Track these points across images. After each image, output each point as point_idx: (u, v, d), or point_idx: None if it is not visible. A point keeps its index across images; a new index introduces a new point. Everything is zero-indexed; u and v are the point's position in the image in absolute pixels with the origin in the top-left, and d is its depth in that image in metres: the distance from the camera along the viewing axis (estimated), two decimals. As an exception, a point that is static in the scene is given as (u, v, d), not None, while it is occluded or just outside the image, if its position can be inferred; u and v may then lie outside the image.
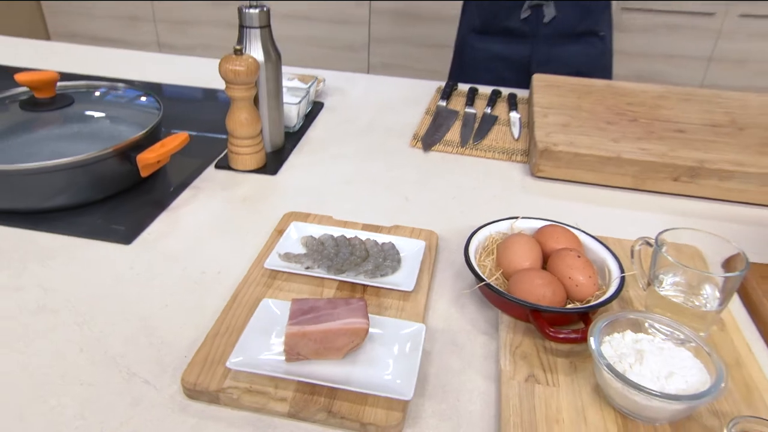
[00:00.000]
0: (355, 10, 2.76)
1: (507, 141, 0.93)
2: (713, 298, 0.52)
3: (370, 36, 2.82)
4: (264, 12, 0.80)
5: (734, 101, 0.96)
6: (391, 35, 2.81)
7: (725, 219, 0.75)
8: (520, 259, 0.57)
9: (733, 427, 0.42)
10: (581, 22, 1.21)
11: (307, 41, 2.83)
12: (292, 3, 2.76)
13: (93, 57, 1.25)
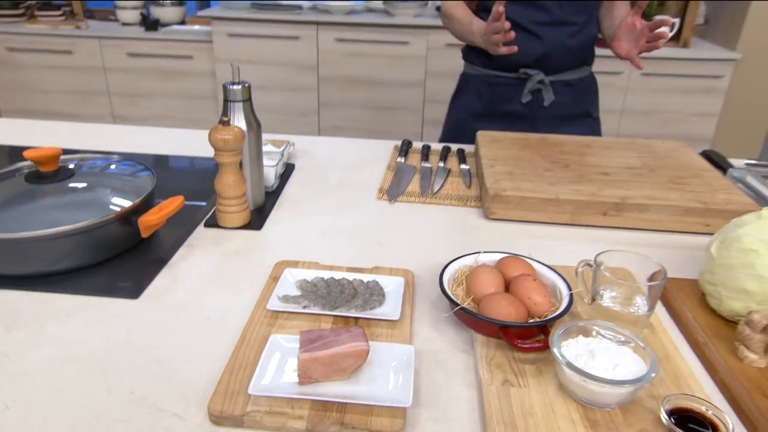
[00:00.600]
0: (305, 79, 2.90)
1: (461, 189, 1.05)
2: (643, 305, 0.63)
3: (319, 102, 2.97)
4: (246, 87, 0.89)
5: (645, 147, 1.12)
6: (338, 100, 2.96)
7: (646, 244, 0.88)
8: (486, 286, 0.67)
9: (666, 403, 0.52)
10: (577, 104, 1.33)
11: (262, 108, 2.94)
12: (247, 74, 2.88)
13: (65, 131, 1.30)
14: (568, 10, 1.22)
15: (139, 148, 1.19)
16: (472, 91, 1.39)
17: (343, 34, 2.80)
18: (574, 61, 1.29)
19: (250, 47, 2.83)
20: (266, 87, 2.91)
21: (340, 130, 3.01)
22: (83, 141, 1.22)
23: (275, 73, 2.88)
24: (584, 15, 1.24)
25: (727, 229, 0.70)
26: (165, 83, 2.98)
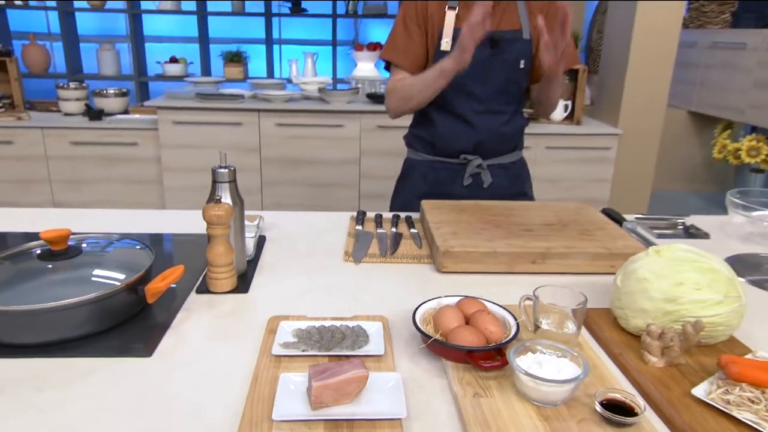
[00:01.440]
0: (248, 161, 3.03)
1: (414, 250, 1.20)
2: (572, 327, 0.79)
3: (262, 181, 3.09)
4: (231, 171, 1.02)
5: (556, 208, 1.33)
6: (280, 179, 3.10)
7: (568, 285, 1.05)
8: (450, 322, 0.81)
9: (597, 396, 0.67)
10: (512, 185, 1.51)
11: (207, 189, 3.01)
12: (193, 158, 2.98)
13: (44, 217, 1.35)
14: (498, 101, 1.42)
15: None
16: (417, 175, 1.53)
17: (283, 120, 2.99)
18: (506, 146, 1.49)
19: (195, 133, 2.95)
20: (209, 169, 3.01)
21: (282, 206, 3.13)
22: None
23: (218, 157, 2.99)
24: (513, 105, 1.45)
25: (626, 266, 0.89)
26: (108, 169, 3.01)
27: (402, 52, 1.43)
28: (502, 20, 1.39)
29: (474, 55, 1.24)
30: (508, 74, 1.41)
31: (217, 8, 3.83)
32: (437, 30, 1.39)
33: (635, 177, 3.36)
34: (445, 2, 1.39)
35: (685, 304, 0.79)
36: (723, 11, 4.30)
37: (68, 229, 0.88)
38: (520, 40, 1.39)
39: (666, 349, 0.77)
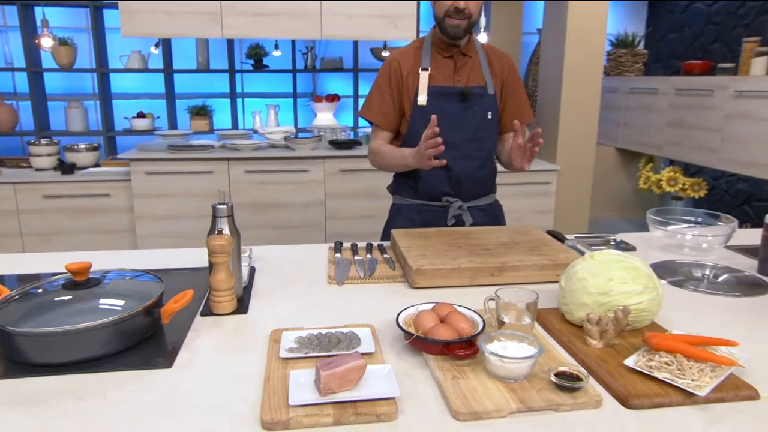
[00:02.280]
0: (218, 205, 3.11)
1: (388, 272, 1.33)
2: (528, 320, 0.94)
3: (232, 225, 3.16)
4: (229, 207, 1.14)
5: (509, 230, 1.50)
6: (249, 223, 3.19)
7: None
8: (428, 322, 0.94)
9: (551, 370, 0.82)
10: (489, 224, 1.65)
11: (178, 235, 3.07)
12: (165, 206, 3.03)
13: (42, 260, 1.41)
14: (472, 148, 1.58)
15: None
16: (404, 218, 1.66)
17: (251, 167, 3.11)
18: (482, 189, 1.64)
19: (167, 183, 3.02)
20: (182, 216, 3.07)
21: (252, 248, 3.20)
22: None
23: (191, 204, 3.07)
24: (485, 152, 1.61)
25: (568, 270, 1.05)
26: (80, 221, 3.03)
27: (376, 111, 1.61)
28: (470, 78, 1.58)
29: (448, 109, 1.42)
30: (478, 124, 1.58)
31: (183, 66, 3.96)
32: (413, 89, 1.56)
33: (574, 207, 3.64)
34: (418, 65, 1.57)
35: (616, 296, 0.95)
36: (636, 61, 4.76)
37: (89, 262, 0.97)
38: (486, 94, 1.58)
39: (603, 333, 0.92)
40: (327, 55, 4.24)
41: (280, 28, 3.05)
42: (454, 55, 1.57)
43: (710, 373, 0.82)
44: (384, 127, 1.62)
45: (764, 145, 3.29)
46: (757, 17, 3.95)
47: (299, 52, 4.15)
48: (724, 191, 4.36)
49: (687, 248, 1.51)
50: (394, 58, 1.60)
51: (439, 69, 1.56)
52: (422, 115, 1.53)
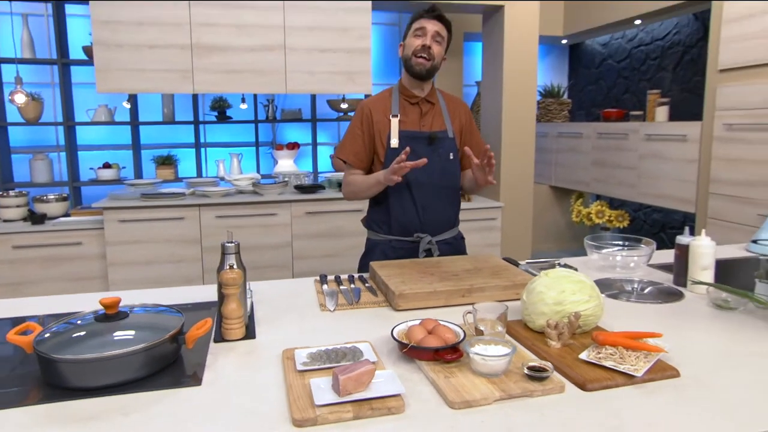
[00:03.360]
0: (190, 252, 3.15)
1: (372, 298, 1.47)
2: (500, 329, 1.10)
3: (203, 269, 3.20)
4: (236, 245, 1.25)
5: (471, 258, 1.68)
6: (220, 265, 3.23)
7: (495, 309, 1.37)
8: (418, 334, 1.08)
9: (524, 366, 0.98)
10: (452, 255, 1.78)
11: (149, 281, 3.07)
12: (138, 252, 3.04)
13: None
14: (438, 186, 1.75)
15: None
16: (378, 252, 1.79)
17: (221, 212, 3.18)
18: (448, 222, 1.83)
19: (140, 229, 3.04)
20: (155, 262, 3.09)
21: (222, 290, 3.24)
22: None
23: (164, 249, 3.09)
24: (449, 189, 1.79)
25: (527, 287, 1.23)
26: (51, 270, 2.98)
27: (349, 151, 1.78)
28: (433, 123, 1.78)
29: (417, 151, 1.61)
30: (443, 164, 1.77)
31: (149, 118, 4.02)
32: (384, 133, 1.75)
33: (518, 240, 3.91)
34: (388, 112, 1.76)
35: (568, 305, 1.14)
36: (562, 109, 5.23)
37: (119, 297, 1.06)
38: (448, 138, 1.79)
39: (560, 335, 1.10)
40: (287, 106, 4.42)
41: (247, 84, 3.21)
42: (420, 103, 1.77)
43: (644, 359, 1.00)
44: (356, 165, 1.79)
45: (672, 181, 3.70)
46: (656, 73, 4.48)
47: (260, 104, 4.31)
48: (643, 221, 4.79)
49: (618, 267, 1.73)
50: (366, 105, 1.78)
51: (406, 115, 1.75)
52: (395, 156, 1.71)
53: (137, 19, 2.97)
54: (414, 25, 1.70)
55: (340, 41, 3.32)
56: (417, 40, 1.68)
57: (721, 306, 1.37)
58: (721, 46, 3.20)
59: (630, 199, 4.14)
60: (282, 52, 3.23)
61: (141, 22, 2.98)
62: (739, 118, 3.11)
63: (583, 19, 4.72)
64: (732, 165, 3.18)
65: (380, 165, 1.76)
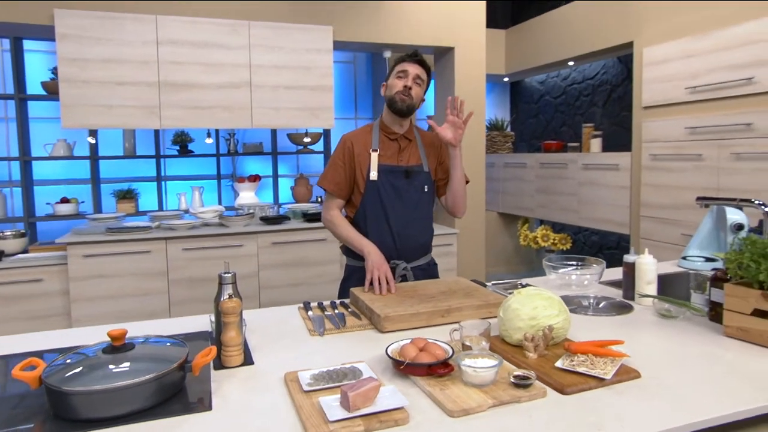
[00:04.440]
0: (156, 284, 3.08)
1: (357, 322, 1.52)
2: (485, 344, 1.19)
3: (170, 302, 3.13)
4: (233, 275, 1.29)
5: (442, 282, 1.77)
6: (186, 298, 3.17)
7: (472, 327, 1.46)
8: (411, 352, 1.15)
9: (510, 375, 1.07)
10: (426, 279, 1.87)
11: (113, 316, 2.96)
12: (103, 287, 2.94)
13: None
14: (413, 216, 1.84)
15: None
16: (357, 278, 1.84)
17: (188, 245, 3.14)
18: (422, 249, 1.92)
19: (105, 264, 2.95)
20: (121, 296, 2.99)
21: (189, 322, 3.17)
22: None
23: (130, 283, 3.01)
24: (423, 219, 1.88)
25: (503, 304, 1.33)
26: (11, 308, 2.83)
27: (330, 181, 1.85)
28: (410, 158, 1.88)
29: (395, 184, 1.71)
30: (418, 196, 1.87)
31: (109, 152, 3.93)
32: (365, 166, 1.83)
33: (473, 264, 4.06)
34: (368, 146, 1.85)
35: (541, 319, 1.24)
36: (506, 141, 5.53)
37: (125, 329, 1.07)
38: (423, 172, 1.89)
39: (536, 346, 1.20)
40: (247, 140, 4.44)
41: (214, 119, 3.22)
42: (398, 139, 1.88)
43: (611, 364, 1.12)
44: (336, 194, 1.87)
45: (608, 206, 3.98)
46: (589, 108, 4.85)
47: (222, 138, 4.31)
48: (583, 243, 5.09)
49: (573, 285, 1.88)
50: (349, 139, 1.87)
51: (385, 150, 1.85)
52: (374, 188, 1.81)
53: (105, 56, 2.95)
54: (397, 68, 1.82)
55: (304, 79, 3.42)
56: (399, 82, 1.80)
57: (664, 315, 1.53)
58: (644, 86, 3.54)
59: (571, 223, 4.41)
60: (248, 89, 3.29)
61: (108, 59, 2.96)
62: (662, 150, 3.43)
63: (522, 59, 5.06)
64: (659, 191, 3.48)
65: (359, 195, 1.84)
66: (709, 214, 2.21)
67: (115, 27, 2.96)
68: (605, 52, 4.18)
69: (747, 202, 1.71)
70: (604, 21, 3.99)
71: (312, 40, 3.41)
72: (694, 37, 3.15)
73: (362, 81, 5.04)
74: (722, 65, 2.99)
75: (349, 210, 1.90)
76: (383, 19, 3.72)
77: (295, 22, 3.43)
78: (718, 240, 2.18)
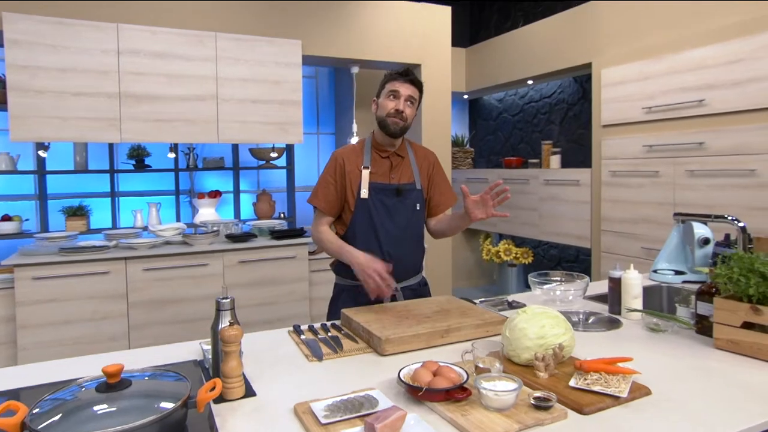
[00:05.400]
0: (114, 307, 2.89)
1: (353, 345, 1.47)
2: (500, 365, 1.17)
3: (129, 325, 2.94)
4: (231, 300, 1.21)
5: (432, 301, 1.75)
6: (147, 321, 2.99)
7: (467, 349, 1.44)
8: (426, 377, 1.12)
9: (530, 396, 1.05)
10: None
11: (66, 342, 2.75)
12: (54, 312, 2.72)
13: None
14: (404, 234, 1.80)
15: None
16: (347, 298, 1.80)
17: (149, 264, 2.97)
18: (413, 270, 1.88)
19: (57, 287, 2.74)
20: (75, 321, 2.78)
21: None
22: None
23: (85, 307, 2.80)
24: (415, 238, 1.85)
25: (507, 324, 1.32)
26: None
27: (321, 198, 1.80)
28: (402, 176, 1.85)
29: (386, 202, 1.67)
30: (410, 214, 1.84)
31: (58, 166, 3.68)
32: (356, 184, 1.79)
33: (440, 280, 4.08)
34: (360, 163, 1.81)
35: (549, 338, 1.24)
36: (467, 157, 5.63)
37: (121, 365, 0.98)
38: (415, 189, 1.86)
39: (547, 366, 1.20)
40: (208, 155, 4.29)
41: (178, 133, 3.09)
42: (390, 156, 1.85)
43: (623, 381, 1.13)
44: (326, 212, 1.81)
45: (569, 220, 4.12)
46: (546, 126, 5.03)
47: (181, 152, 4.14)
48: (542, 257, 5.23)
49: (558, 301, 1.91)
50: (340, 156, 1.83)
51: (377, 167, 1.82)
52: (364, 206, 1.77)
53: (60, 65, 2.77)
54: (387, 86, 1.79)
55: (272, 93, 3.35)
56: (391, 103, 1.77)
57: (653, 329, 1.57)
58: (603, 105, 3.71)
59: (533, 237, 4.53)
60: (214, 102, 3.18)
61: (65, 68, 2.78)
62: (620, 166, 3.60)
63: (483, 77, 5.19)
64: (618, 206, 3.64)
65: (350, 213, 1.80)
66: (675, 228, 2.32)
67: (72, 34, 2.79)
68: (564, 72, 4.36)
69: (721, 218, 1.80)
70: (563, 42, 4.16)
71: (281, 53, 3.35)
72: (650, 60, 3.34)
73: (324, 96, 5.01)
74: (676, 87, 3.18)
75: (339, 228, 1.85)
76: (352, 35, 3.72)
77: (263, 35, 3.36)
78: (684, 253, 2.29)
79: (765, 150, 2.73)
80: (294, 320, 3.36)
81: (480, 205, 1.72)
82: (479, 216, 1.72)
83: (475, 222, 1.76)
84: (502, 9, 5.48)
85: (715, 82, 2.96)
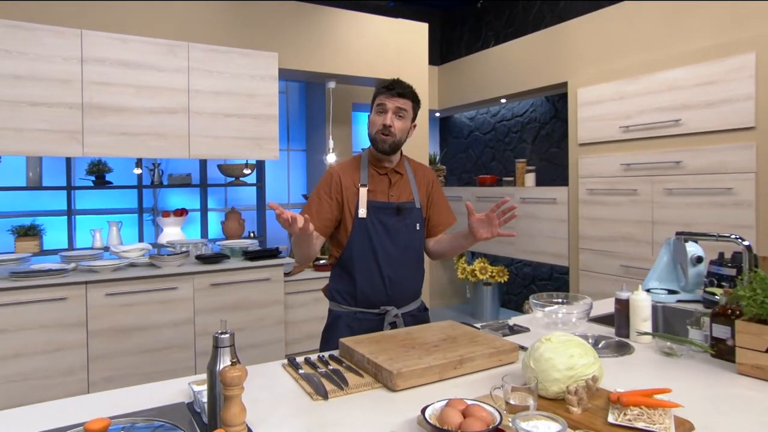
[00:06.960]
0: (72, 337, 2.63)
1: (358, 380, 1.34)
2: (532, 402, 1.07)
3: (88, 356, 2.68)
4: (232, 335, 1.06)
5: (435, 327, 1.64)
6: (109, 351, 2.74)
7: (480, 380, 1.34)
8: (455, 417, 1.00)
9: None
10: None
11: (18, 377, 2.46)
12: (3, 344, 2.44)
13: None
14: (404, 256, 1.70)
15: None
16: (342, 326, 1.67)
17: (113, 289, 2.74)
18: (413, 295, 1.76)
19: (6, 316, 2.46)
20: (28, 354, 2.51)
21: (112, 381, 2.73)
22: None
23: (37, 338, 2.53)
24: (415, 259, 1.74)
25: (531, 353, 1.22)
26: None
27: (313, 215, 1.66)
28: (401, 194, 1.74)
29: (386, 221, 1.54)
30: (410, 234, 1.73)
31: (8, 182, 3.38)
32: (353, 202, 1.66)
33: (420, 299, 3.97)
34: (357, 180, 1.69)
35: (578, 368, 1.15)
36: (439, 175, 5.60)
37: (108, 419, 0.82)
38: (415, 208, 1.76)
39: (580, 400, 1.10)
40: (173, 171, 4.07)
41: (146, 148, 2.89)
42: (389, 173, 1.74)
43: (665, 415, 1.05)
44: (318, 229, 1.67)
45: (546, 238, 4.12)
46: (518, 144, 5.07)
47: (145, 168, 3.90)
48: (515, 275, 5.22)
49: (560, 324, 1.83)
50: (336, 171, 1.70)
51: (375, 185, 1.70)
52: (362, 226, 1.64)
53: (14, 72, 2.53)
54: (375, 101, 1.70)
55: (247, 107, 3.20)
56: (379, 119, 1.67)
57: (668, 353, 1.51)
58: (579, 124, 3.75)
59: (510, 255, 4.50)
60: (185, 116, 3.00)
61: (19, 75, 2.54)
62: (597, 184, 3.62)
63: (455, 95, 5.20)
64: (596, 224, 3.66)
65: (345, 233, 1.68)
66: (665, 247, 2.30)
67: (30, 39, 2.57)
68: (539, 91, 4.40)
69: (725, 238, 1.78)
70: (539, 61, 4.21)
71: (256, 66, 3.22)
72: (626, 80, 3.40)
73: (295, 111, 4.88)
74: (652, 107, 3.24)
75: (335, 250, 1.72)
76: (329, 50, 3.62)
77: (238, 46, 3.22)
78: (675, 272, 2.27)
79: (741, 169, 2.80)
80: (269, 346, 3.16)
81: (485, 224, 1.64)
82: (484, 235, 1.64)
83: (479, 242, 1.67)
84: (474, 29, 5.54)
85: (690, 102, 3.03)
